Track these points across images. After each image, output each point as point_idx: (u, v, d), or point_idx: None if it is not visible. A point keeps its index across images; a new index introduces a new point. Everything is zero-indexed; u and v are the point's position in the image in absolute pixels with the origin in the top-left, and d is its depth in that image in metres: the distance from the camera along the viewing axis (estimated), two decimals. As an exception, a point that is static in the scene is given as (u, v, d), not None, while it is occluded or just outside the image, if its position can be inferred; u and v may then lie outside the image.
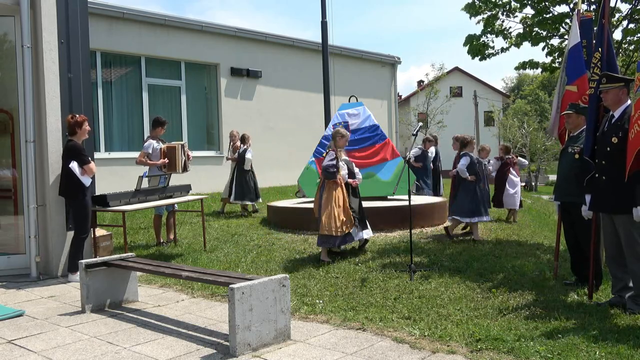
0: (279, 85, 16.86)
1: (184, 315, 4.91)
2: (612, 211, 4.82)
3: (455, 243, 7.93)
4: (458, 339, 4.10)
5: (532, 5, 8.90)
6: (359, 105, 10.35)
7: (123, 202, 6.85)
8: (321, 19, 13.18)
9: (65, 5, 6.61)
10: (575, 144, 5.52)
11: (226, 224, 9.76)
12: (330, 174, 6.96)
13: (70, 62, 6.66)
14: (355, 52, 19.45)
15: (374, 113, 11.32)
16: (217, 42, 15.34)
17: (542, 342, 3.96)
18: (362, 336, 4.26)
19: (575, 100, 5.72)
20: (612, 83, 4.82)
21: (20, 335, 4.45)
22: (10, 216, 7.05)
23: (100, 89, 13.18)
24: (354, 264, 6.75)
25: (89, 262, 5.15)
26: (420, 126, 7.43)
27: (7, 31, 6.77)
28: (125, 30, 13.48)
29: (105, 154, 13.12)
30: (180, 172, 8.20)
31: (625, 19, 8.54)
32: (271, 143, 16.09)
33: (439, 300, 5.19)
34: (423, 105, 32.18)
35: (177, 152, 8.22)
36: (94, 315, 4.97)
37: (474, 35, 9.55)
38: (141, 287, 5.89)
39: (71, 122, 6.37)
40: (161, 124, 8.38)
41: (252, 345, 3.95)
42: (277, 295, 4.12)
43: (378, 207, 8.95)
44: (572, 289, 5.48)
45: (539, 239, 8.41)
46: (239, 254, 7.52)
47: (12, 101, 6.74)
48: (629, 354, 3.72)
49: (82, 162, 6.31)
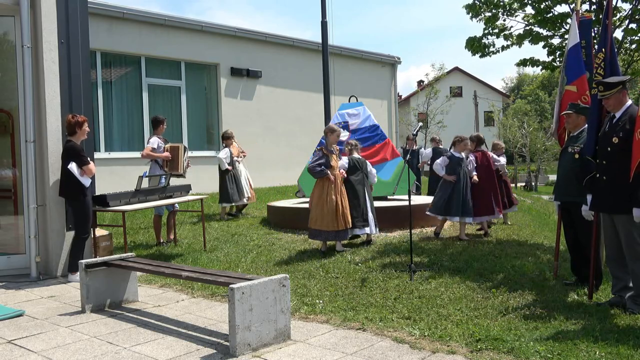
0: (279, 86, 16.86)
1: (184, 315, 4.91)
2: (612, 211, 4.82)
3: (456, 243, 7.93)
4: (458, 339, 4.10)
5: (533, 5, 8.89)
6: (359, 105, 10.35)
7: (123, 202, 6.85)
8: (321, 19, 13.17)
9: (65, 5, 6.60)
10: (575, 143, 5.52)
11: (226, 224, 9.76)
12: (317, 173, 7.23)
13: (70, 62, 6.66)
14: (355, 52, 19.44)
15: (374, 113, 11.32)
16: (217, 42, 15.33)
17: (542, 342, 3.96)
18: (362, 336, 4.26)
19: (575, 100, 5.72)
20: (610, 90, 4.80)
21: (20, 335, 4.45)
22: (10, 216, 7.05)
23: (100, 89, 13.17)
24: (354, 263, 6.76)
25: (89, 262, 5.15)
26: (420, 126, 7.44)
27: (7, 31, 6.77)
28: (125, 30, 13.47)
29: (105, 154, 13.11)
30: (180, 173, 8.21)
31: (627, 18, 8.54)
32: (271, 143, 16.09)
33: (439, 300, 5.19)
34: (423, 105, 32.18)
35: (180, 151, 8.25)
36: (94, 315, 4.97)
37: (475, 37, 9.55)
38: (141, 287, 5.90)
39: (72, 122, 6.36)
40: (161, 122, 8.48)
41: (252, 345, 3.95)
42: (277, 295, 4.12)
43: (378, 207, 8.94)
44: (572, 289, 5.48)
45: (539, 239, 8.40)
46: (239, 254, 7.52)
47: (12, 101, 6.74)
48: (629, 354, 3.72)
49: (81, 163, 6.31)
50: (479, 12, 9.27)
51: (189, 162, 8.51)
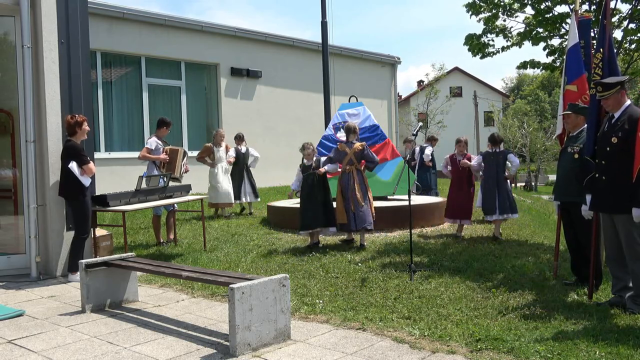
0: (279, 86, 16.86)
1: (184, 315, 4.91)
2: (611, 211, 4.82)
3: (456, 243, 7.94)
4: (458, 339, 4.10)
5: (533, 5, 8.90)
6: (359, 105, 10.36)
7: (123, 202, 6.85)
8: (321, 19, 13.18)
9: (65, 5, 6.61)
10: (574, 143, 5.52)
11: (226, 224, 9.76)
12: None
13: (70, 62, 6.66)
14: (355, 52, 19.44)
15: (374, 113, 11.32)
16: (217, 42, 15.34)
17: (542, 342, 3.96)
18: (362, 336, 4.26)
19: (575, 100, 5.72)
20: (609, 90, 4.79)
21: (21, 335, 4.45)
22: (10, 216, 7.05)
23: (100, 89, 13.17)
24: (354, 263, 6.76)
25: (89, 262, 5.15)
26: (420, 126, 7.44)
27: (7, 31, 6.77)
28: (125, 30, 13.48)
29: (105, 154, 13.12)
30: (176, 176, 8.20)
31: (626, 19, 8.54)
32: (271, 143, 16.08)
33: (439, 300, 5.19)
34: (423, 105, 32.19)
35: (179, 155, 8.24)
36: (94, 315, 4.97)
37: (474, 34, 9.55)
38: (141, 287, 5.90)
39: (71, 122, 6.36)
40: (166, 125, 8.42)
41: (252, 345, 3.95)
42: (277, 295, 4.12)
43: (378, 207, 8.95)
44: (572, 289, 5.48)
45: (539, 239, 8.40)
46: (239, 254, 7.52)
47: (12, 101, 6.75)
48: (629, 354, 3.72)
49: (81, 162, 6.31)
50: (479, 11, 9.28)
51: (187, 167, 8.50)
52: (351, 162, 7.67)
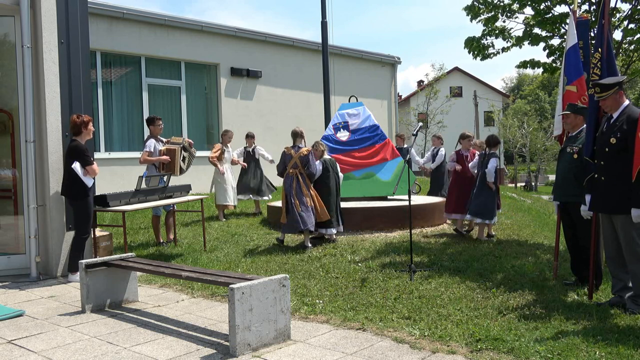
0: (278, 86, 16.85)
1: (184, 315, 4.91)
2: (611, 211, 4.82)
3: (456, 243, 7.94)
4: (458, 339, 4.10)
5: (532, 6, 8.90)
6: (359, 105, 10.35)
7: (123, 202, 6.85)
8: (321, 19, 13.18)
9: (65, 5, 6.60)
10: (573, 144, 5.53)
11: (226, 224, 9.76)
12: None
13: (70, 62, 6.66)
14: (355, 52, 19.43)
15: (374, 113, 11.31)
16: (216, 42, 15.33)
17: (542, 342, 3.96)
18: (362, 336, 4.26)
19: (575, 100, 5.72)
20: (607, 91, 4.79)
21: (21, 335, 4.45)
22: (10, 216, 7.05)
23: (100, 89, 13.17)
24: (354, 263, 6.76)
25: (89, 262, 5.15)
26: (420, 126, 7.44)
27: (7, 31, 6.77)
28: (125, 30, 13.47)
29: (105, 154, 13.11)
30: (177, 175, 8.20)
31: (626, 19, 8.55)
32: (271, 143, 16.05)
33: (439, 300, 5.19)
34: (423, 105, 32.19)
35: (177, 154, 8.22)
36: (94, 315, 4.97)
37: (474, 37, 9.55)
38: (141, 287, 5.90)
39: (77, 122, 6.36)
40: (153, 122, 8.33)
41: (252, 345, 3.95)
42: (277, 296, 4.12)
43: (378, 207, 8.96)
44: (572, 289, 5.48)
45: (539, 239, 8.41)
46: (239, 254, 7.53)
47: (12, 101, 6.74)
48: (629, 354, 3.73)
49: (85, 163, 6.31)
50: (478, 14, 9.29)
51: (191, 156, 8.48)
52: (295, 165, 7.80)
